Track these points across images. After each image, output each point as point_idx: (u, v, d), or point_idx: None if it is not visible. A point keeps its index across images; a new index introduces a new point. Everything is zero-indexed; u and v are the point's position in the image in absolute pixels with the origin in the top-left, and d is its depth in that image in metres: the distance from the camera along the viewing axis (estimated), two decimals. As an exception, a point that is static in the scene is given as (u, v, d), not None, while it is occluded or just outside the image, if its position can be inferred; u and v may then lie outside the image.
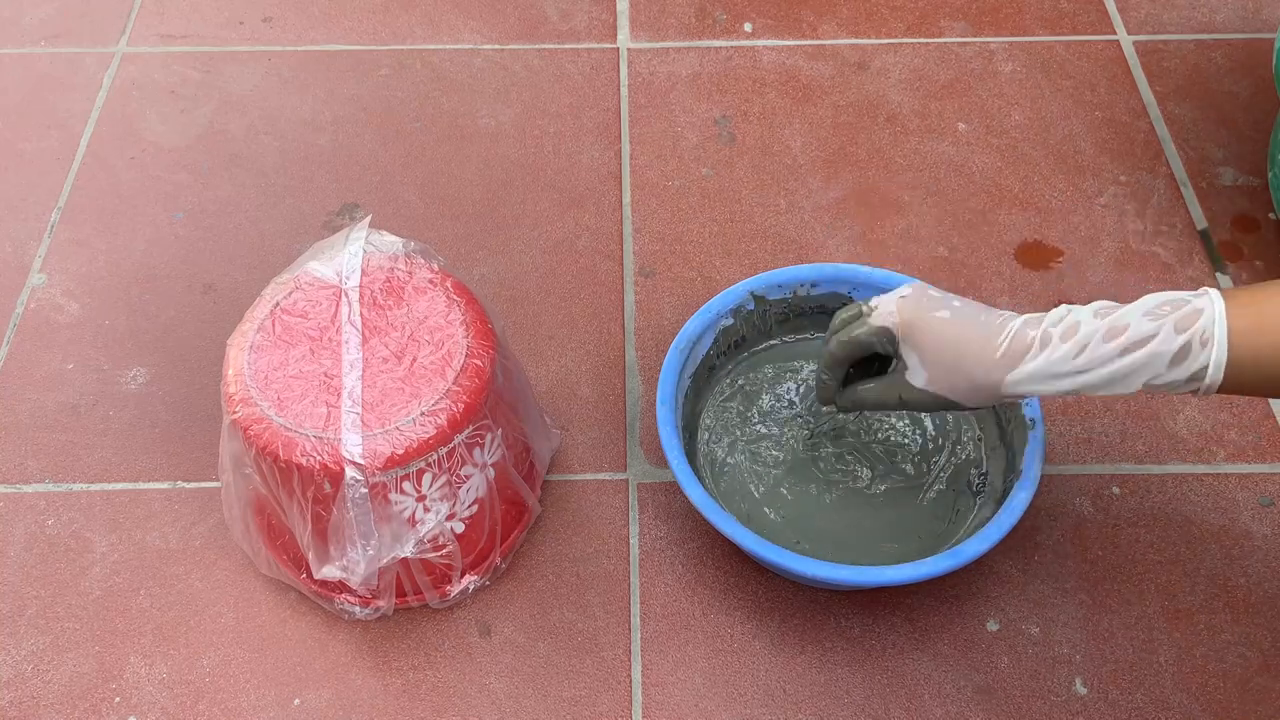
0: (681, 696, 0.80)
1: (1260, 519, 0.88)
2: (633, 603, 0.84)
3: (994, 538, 0.77)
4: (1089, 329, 0.66)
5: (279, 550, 0.83)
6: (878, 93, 1.18)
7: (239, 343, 0.78)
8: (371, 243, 0.82)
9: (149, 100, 1.17)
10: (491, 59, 1.21)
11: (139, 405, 0.95)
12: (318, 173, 1.11)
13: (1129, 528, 0.88)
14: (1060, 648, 0.82)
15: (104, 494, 0.90)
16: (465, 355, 0.77)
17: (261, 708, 0.80)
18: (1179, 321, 0.64)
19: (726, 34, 1.23)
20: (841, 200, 1.09)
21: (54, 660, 0.82)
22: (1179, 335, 0.64)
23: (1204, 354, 0.64)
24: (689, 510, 0.88)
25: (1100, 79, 1.19)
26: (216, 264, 1.04)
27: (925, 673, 0.81)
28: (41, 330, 0.99)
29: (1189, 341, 0.64)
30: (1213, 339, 0.64)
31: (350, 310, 0.79)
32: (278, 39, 1.23)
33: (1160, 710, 0.80)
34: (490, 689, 0.81)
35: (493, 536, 0.83)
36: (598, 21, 1.24)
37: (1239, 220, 1.07)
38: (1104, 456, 0.92)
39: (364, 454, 0.73)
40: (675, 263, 1.04)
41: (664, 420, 0.82)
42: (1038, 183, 1.10)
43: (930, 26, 1.24)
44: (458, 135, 1.14)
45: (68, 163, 1.12)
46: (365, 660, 0.82)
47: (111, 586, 0.85)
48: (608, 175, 1.11)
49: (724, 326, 0.90)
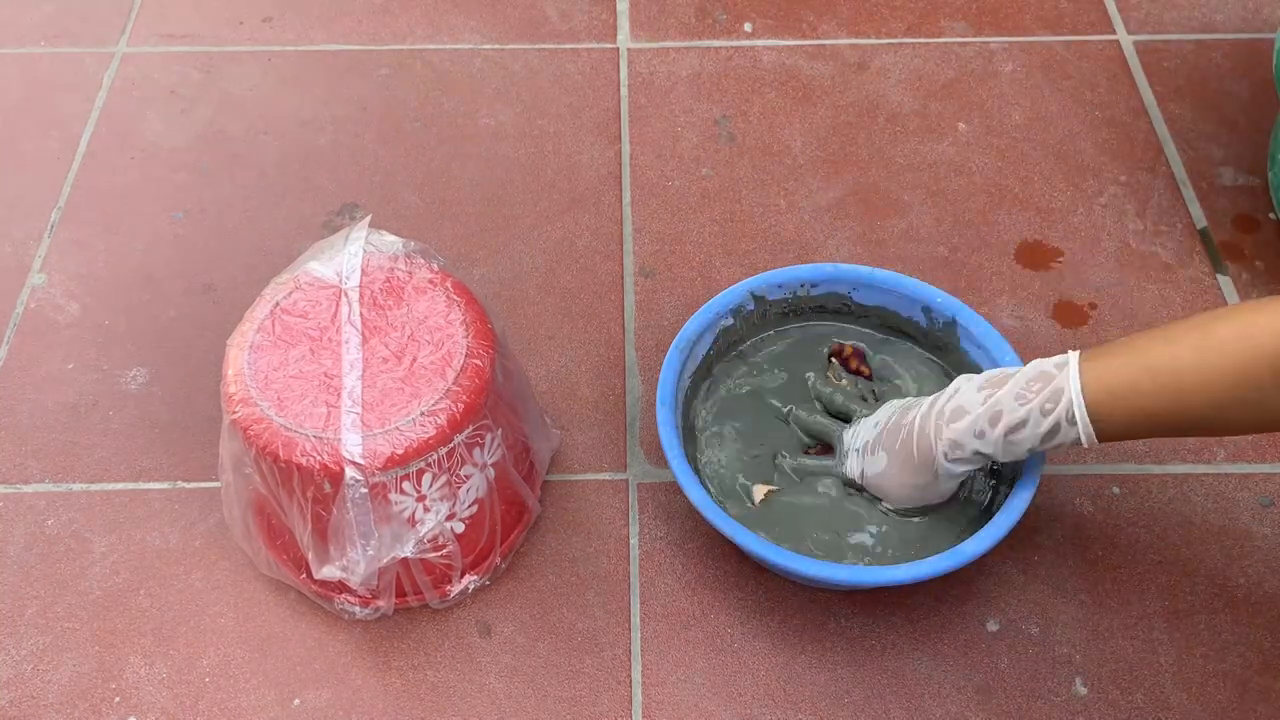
0: (681, 696, 0.80)
1: (1260, 519, 0.88)
2: (633, 603, 0.84)
3: (994, 538, 0.77)
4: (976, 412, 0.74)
5: (279, 550, 0.83)
6: (878, 93, 1.18)
7: (239, 343, 0.78)
8: (371, 243, 0.82)
9: (149, 100, 1.17)
10: (491, 59, 1.21)
11: (139, 405, 0.95)
12: (318, 173, 1.11)
13: (1129, 528, 0.88)
14: (1060, 648, 0.82)
15: (104, 494, 0.90)
16: (465, 355, 0.77)
17: (261, 708, 0.80)
18: (1044, 405, 0.71)
19: (726, 34, 1.23)
20: (841, 200, 1.09)
21: (54, 660, 0.82)
22: (1045, 419, 0.71)
23: (1071, 431, 0.71)
24: (689, 510, 0.88)
25: (1100, 79, 1.19)
26: (216, 264, 1.04)
27: (925, 673, 0.81)
28: (41, 330, 0.99)
29: (1057, 423, 0.71)
30: (1075, 416, 0.70)
31: (350, 310, 0.79)
32: (278, 39, 1.23)
33: (1160, 710, 0.80)
34: (490, 689, 0.81)
35: (493, 536, 0.83)
36: (598, 21, 1.24)
37: (1239, 220, 1.07)
38: (1104, 456, 0.92)
39: (364, 454, 0.73)
40: (675, 263, 1.04)
41: (664, 420, 0.82)
42: (1038, 183, 1.10)
43: (930, 26, 1.24)
44: (458, 135, 1.14)
45: (68, 163, 1.12)
46: (365, 660, 0.82)
47: (111, 586, 0.85)
48: (608, 175, 1.11)
49: (724, 326, 0.90)
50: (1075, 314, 1.00)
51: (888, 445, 0.80)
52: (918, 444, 0.77)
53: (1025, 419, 0.71)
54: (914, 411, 0.78)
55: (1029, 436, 0.72)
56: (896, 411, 0.81)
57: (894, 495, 0.82)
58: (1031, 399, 0.71)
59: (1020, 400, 0.72)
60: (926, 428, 0.76)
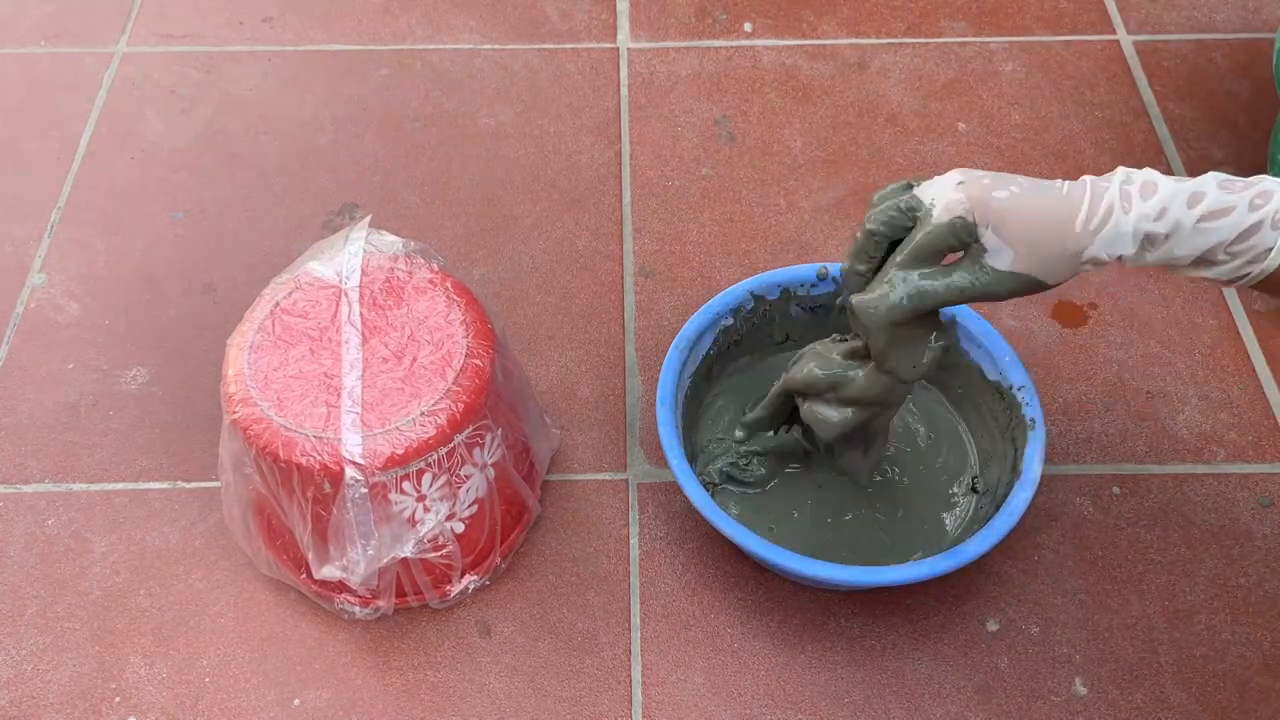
0: (681, 696, 0.80)
1: (1260, 519, 0.88)
2: (633, 603, 0.84)
3: (994, 538, 0.77)
4: (1167, 190, 0.65)
5: (279, 550, 0.83)
6: (878, 93, 1.18)
7: (239, 343, 0.78)
8: (371, 243, 0.82)
9: (149, 100, 1.17)
10: (491, 59, 1.21)
11: (139, 405, 0.95)
12: (318, 173, 1.11)
13: (1129, 528, 0.88)
14: (1060, 648, 0.82)
15: (104, 494, 0.90)
16: (465, 355, 0.77)
17: (261, 708, 0.80)
18: (1254, 199, 0.64)
19: (726, 34, 1.23)
20: (841, 200, 1.09)
21: (54, 660, 0.82)
22: (1253, 213, 0.64)
23: (1272, 238, 0.64)
24: (689, 510, 0.88)
25: (1100, 79, 1.19)
26: (216, 264, 1.04)
27: (925, 673, 0.81)
28: (41, 330, 0.99)
29: (1261, 220, 0.64)
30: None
31: (350, 310, 0.79)
32: (278, 39, 1.23)
33: (1160, 710, 0.80)
34: (490, 689, 0.81)
35: (493, 536, 0.83)
36: (598, 21, 1.24)
37: (1239, 220, 1.07)
38: (1104, 456, 0.92)
39: (364, 454, 0.73)
40: (675, 263, 1.04)
41: (664, 420, 0.82)
42: (1038, 183, 1.10)
43: (930, 26, 1.24)
44: (458, 135, 1.14)
45: (68, 163, 1.12)
46: (365, 660, 0.82)
47: (111, 586, 0.85)
48: (608, 175, 1.11)
49: (724, 326, 0.90)
50: (1075, 314, 1.00)
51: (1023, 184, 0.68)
52: (1092, 197, 0.66)
53: (1233, 205, 0.64)
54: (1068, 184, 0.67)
55: (1228, 226, 0.64)
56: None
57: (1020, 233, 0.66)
58: (1242, 191, 0.65)
59: (1227, 190, 0.65)
60: (1107, 188, 0.66)
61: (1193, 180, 0.65)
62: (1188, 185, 0.65)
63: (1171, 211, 0.65)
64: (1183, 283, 1.02)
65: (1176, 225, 0.65)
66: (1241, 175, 0.66)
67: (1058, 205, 0.66)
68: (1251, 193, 0.64)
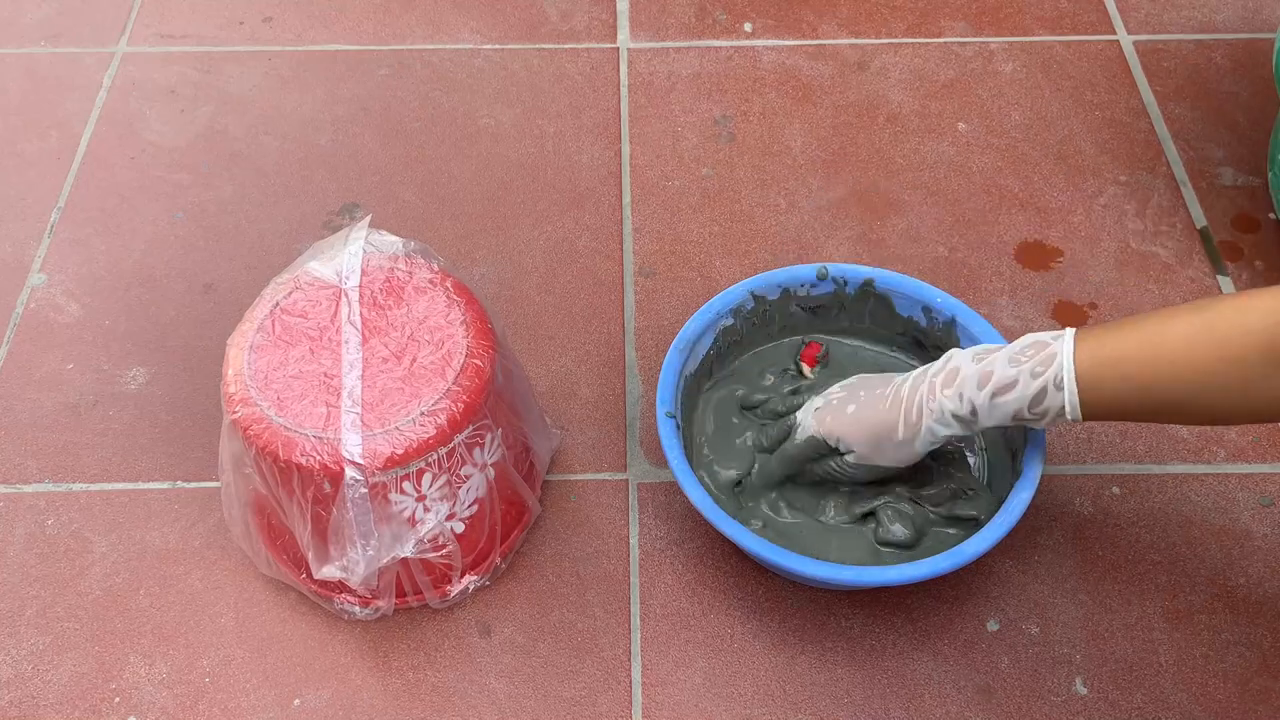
0: (681, 696, 0.80)
1: (1260, 519, 0.88)
2: (633, 603, 0.84)
3: (994, 538, 0.77)
4: (964, 374, 0.74)
5: (279, 550, 0.83)
6: (878, 93, 1.18)
7: (239, 343, 0.78)
8: (371, 243, 0.82)
9: (149, 100, 1.17)
10: (491, 59, 1.21)
11: (139, 405, 0.95)
12: (318, 173, 1.11)
13: (1129, 528, 0.88)
14: (1060, 648, 0.82)
15: (103, 494, 0.90)
16: (465, 355, 0.77)
17: (261, 708, 0.80)
18: (1034, 368, 0.71)
19: (726, 34, 1.23)
20: (841, 200, 1.09)
21: (54, 660, 0.82)
22: (1034, 381, 0.71)
23: (1058, 397, 0.71)
24: (689, 510, 0.88)
25: (1100, 79, 1.19)
26: (216, 264, 1.04)
27: (925, 673, 0.81)
28: (41, 330, 1.00)
29: (1044, 387, 0.71)
30: (1063, 381, 0.70)
31: (350, 310, 0.79)
32: (278, 39, 1.23)
33: (1160, 710, 0.80)
34: (490, 689, 0.81)
35: (493, 536, 0.83)
36: (598, 21, 1.24)
37: (1239, 220, 1.07)
38: (1104, 456, 0.92)
39: (364, 454, 0.73)
40: (675, 263, 1.04)
41: (664, 420, 0.82)
42: (1038, 183, 1.10)
43: (930, 26, 1.24)
44: (458, 135, 1.14)
45: (68, 163, 1.12)
46: (365, 660, 0.82)
47: (111, 586, 0.85)
48: (608, 175, 1.11)
49: (724, 326, 0.90)
50: (1075, 314, 1.00)
51: (862, 399, 0.80)
52: (906, 404, 0.76)
53: (1015, 380, 0.72)
54: (898, 378, 0.78)
55: (1016, 399, 0.72)
56: (864, 378, 0.82)
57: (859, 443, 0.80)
58: (1024, 363, 0.72)
59: (1013, 364, 0.72)
60: (919, 388, 0.76)
61: (990, 357, 0.74)
62: (979, 366, 0.74)
63: (967, 395, 0.74)
64: (1182, 282, 1.02)
65: (975, 406, 0.73)
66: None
67: (884, 417, 0.78)
68: (1033, 363, 0.72)
